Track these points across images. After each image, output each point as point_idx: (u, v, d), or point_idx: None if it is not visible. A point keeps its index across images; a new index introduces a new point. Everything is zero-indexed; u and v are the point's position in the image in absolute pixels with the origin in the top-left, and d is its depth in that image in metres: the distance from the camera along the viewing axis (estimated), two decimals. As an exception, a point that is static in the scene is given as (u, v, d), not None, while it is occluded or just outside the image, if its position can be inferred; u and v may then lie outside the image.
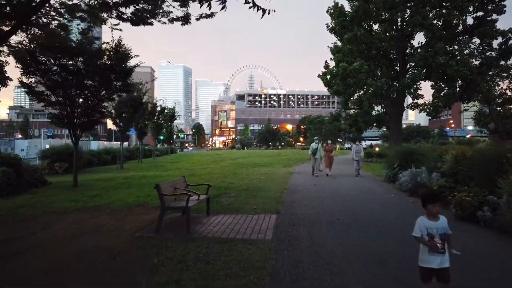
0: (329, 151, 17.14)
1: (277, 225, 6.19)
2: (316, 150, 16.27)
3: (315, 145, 16.63)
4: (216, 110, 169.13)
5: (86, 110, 13.94)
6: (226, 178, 14.85)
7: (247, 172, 17.57)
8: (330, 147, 17.53)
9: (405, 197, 9.62)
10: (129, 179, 15.43)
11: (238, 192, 10.19)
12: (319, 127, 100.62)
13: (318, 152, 16.22)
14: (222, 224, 6.27)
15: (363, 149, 17.79)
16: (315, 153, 16.23)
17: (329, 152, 17.02)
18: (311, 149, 16.71)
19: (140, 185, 12.93)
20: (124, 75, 13.72)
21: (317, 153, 16.22)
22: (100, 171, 22.02)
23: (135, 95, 22.04)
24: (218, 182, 12.93)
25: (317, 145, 16.49)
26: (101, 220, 7.20)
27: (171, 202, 6.26)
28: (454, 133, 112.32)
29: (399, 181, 11.15)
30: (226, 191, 10.52)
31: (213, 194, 9.76)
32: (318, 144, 16.71)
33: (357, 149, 16.87)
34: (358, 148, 17.04)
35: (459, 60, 23.51)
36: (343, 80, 24.47)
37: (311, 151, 16.66)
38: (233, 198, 9.17)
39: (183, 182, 7.19)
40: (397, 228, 6.03)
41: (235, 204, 8.24)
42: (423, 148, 14.14)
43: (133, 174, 17.88)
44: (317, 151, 16.22)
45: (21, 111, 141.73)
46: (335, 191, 10.48)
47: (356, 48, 25.49)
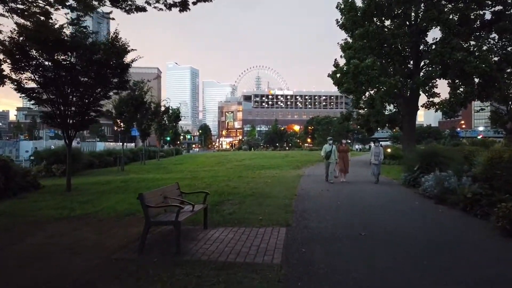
0: (343, 151, 14.72)
1: (287, 243, 5.11)
2: (330, 152, 13.96)
3: (329, 146, 14.21)
4: (223, 111, 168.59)
5: (81, 109, 13.00)
6: (231, 181, 13.80)
7: (253, 175, 16.51)
8: (345, 147, 15.11)
9: (432, 204, 8.46)
10: (127, 183, 14.47)
11: (243, 199, 9.12)
12: (327, 128, 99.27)
13: (332, 155, 13.89)
14: (220, 241, 5.20)
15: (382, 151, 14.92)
16: (329, 155, 13.92)
17: (343, 153, 14.60)
18: (324, 152, 14.37)
19: (136, 190, 11.90)
20: (120, 70, 12.75)
21: (332, 156, 13.87)
22: (100, 174, 21.13)
23: (136, 94, 21.11)
24: (222, 186, 11.89)
25: (331, 147, 14.09)
26: (83, 233, 6.19)
27: (159, 214, 5.21)
28: (466, 134, 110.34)
29: (422, 186, 9.97)
30: (229, 197, 9.46)
31: (215, 200, 8.72)
32: (332, 145, 14.23)
33: (377, 151, 14.19)
34: (378, 150, 14.29)
35: (478, 56, 22.23)
36: (355, 78, 23.26)
37: (324, 153, 14.30)
38: (237, 206, 8.10)
39: (176, 189, 6.13)
40: (433, 245, 4.91)
41: (238, 214, 7.17)
42: (447, 150, 12.93)
43: (132, 177, 16.92)
44: (332, 153, 13.90)
45: (29, 112, 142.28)
46: (351, 198, 9.35)
47: (367, 45, 24.27)
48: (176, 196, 5.85)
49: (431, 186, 9.45)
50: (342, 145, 15.23)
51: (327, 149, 14.21)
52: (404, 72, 25.21)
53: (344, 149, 14.86)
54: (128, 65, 13.02)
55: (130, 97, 20.78)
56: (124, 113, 21.01)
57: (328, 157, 13.99)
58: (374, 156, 14.07)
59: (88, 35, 12.90)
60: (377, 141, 15.13)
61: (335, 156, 13.99)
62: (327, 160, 14.05)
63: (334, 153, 13.94)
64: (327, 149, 14.18)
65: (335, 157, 13.97)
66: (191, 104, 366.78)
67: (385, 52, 24.33)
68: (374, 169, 13.85)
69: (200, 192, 6.79)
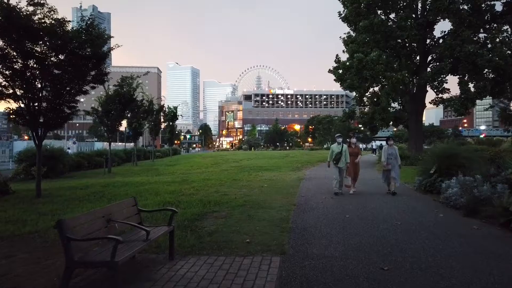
0: (354, 155, 11.13)
1: (281, 285, 3.59)
2: (340, 154, 10.39)
3: (338, 146, 10.54)
4: (223, 110, 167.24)
5: (53, 105, 11.51)
6: (222, 186, 12.28)
7: (249, 178, 14.99)
8: (355, 149, 11.47)
9: (460, 218, 6.94)
10: (107, 187, 12.95)
11: (231, 210, 7.60)
12: (328, 127, 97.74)
13: (343, 157, 10.40)
14: (187, 282, 3.68)
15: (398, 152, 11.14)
16: (339, 159, 10.36)
17: (353, 157, 11.05)
18: (331, 154, 10.63)
19: (113, 197, 10.42)
20: (97, 61, 11.26)
21: (342, 159, 10.36)
22: (86, 176, 19.65)
23: (124, 91, 19.59)
24: (211, 193, 10.37)
25: (340, 147, 10.48)
26: (12, 263, 4.68)
27: (91, 248, 3.68)
28: (468, 133, 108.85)
29: (444, 194, 8.43)
30: (215, 207, 7.93)
31: (196, 213, 7.21)
32: (343, 145, 10.59)
33: (391, 153, 10.64)
34: (392, 150, 10.70)
35: (491, 49, 20.70)
36: (359, 73, 21.77)
37: (331, 156, 10.59)
38: (222, 221, 6.59)
39: (131, 207, 4.52)
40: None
41: (221, 234, 5.65)
42: (466, 150, 11.39)
43: (116, 180, 15.41)
44: (342, 155, 10.39)
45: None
46: (362, 210, 7.81)
47: (372, 38, 22.76)
48: (128, 216, 4.29)
49: (456, 194, 7.92)
50: (351, 146, 11.35)
51: (335, 150, 10.52)
52: (410, 67, 23.69)
53: (354, 152, 11.25)
54: (106, 54, 11.51)
55: (118, 93, 19.25)
56: (111, 111, 19.47)
57: (338, 161, 10.34)
58: (387, 157, 10.58)
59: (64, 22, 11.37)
60: (390, 138, 11.38)
61: (347, 159, 10.48)
62: (337, 164, 10.40)
63: (345, 155, 10.45)
64: (335, 150, 10.50)
65: (346, 160, 10.48)
66: (192, 104, 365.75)
67: (390, 45, 22.81)
68: (386, 176, 10.63)
69: (165, 209, 5.21)
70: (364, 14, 22.95)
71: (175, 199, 9.09)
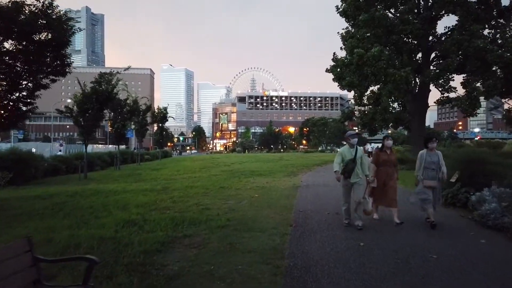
0: (388, 165, 6.98)
1: None
2: (352, 163, 6.50)
3: (351, 150, 6.66)
4: (217, 112, 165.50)
5: (6, 102, 9.72)
6: (206, 196, 10.52)
7: (239, 185, 13.23)
8: (391, 156, 7.08)
9: (510, 245, 5.26)
10: (73, 197, 11.14)
11: (209, 234, 5.84)
12: (323, 129, 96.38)
13: (358, 168, 6.53)
14: None
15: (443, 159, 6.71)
16: (351, 170, 6.47)
17: (388, 168, 6.96)
18: (339, 161, 6.67)
19: (73, 210, 8.64)
20: (55, 47, 9.48)
21: (356, 171, 6.51)
22: (58, 182, 17.77)
23: (102, 88, 17.76)
24: (189, 206, 8.60)
25: (354, 152, 6.62)
26: None
27: None
28: (464, 135, 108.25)
29: (478, 210, 6.73)
30: (189, 229, 6.16)
31: (162, 239, 5.45)
32: (357, 148, 6.71)
33: (433, 160, 6.68)
34: (433, 157, 6.72)
35: (502, 45, 19.22)
36: (359, 70, 20.16)
37: (340, 165, 6.64)
38: (193, 253, 4.83)
39: (24, 253, 2.73)
40: None
41: (186, 279, 3.88)
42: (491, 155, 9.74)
43: (88, 188, 13.55)
44: (357, 164, 6.53)
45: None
46: (377, 232, 6.09)
47: (373, 32, 21.19)
48: (15, 272, 2.51)
49: (495, 211, 6.24)
50: (384, 151, 7.07)
51: (346, 155, 6.60)
52: (412, 65, 22.14)
53: (390, 160, 6.99)
54: (66, 42, 9.73)
55: (95, 91, 17.41)
56: (88, 110, 17.62)
57: (350, 173, 6.45)
58: (427, 167, 6.63)
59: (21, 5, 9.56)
60: (431, 139, 6.89)
61: (364, 170, 6.60)
62: (348, 179, 6.49)
63: (361, 163, 6.58)
64: (346, 156, 6.58)
65: (364, 172, 6.59)
66: (186, 106, 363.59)
67: (393, 41, 21.23)
68: (424, 197, 6.57)
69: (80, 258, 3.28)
70: (363, 7, 21.40)
71: (142, 216, 7.31)
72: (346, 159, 6.59)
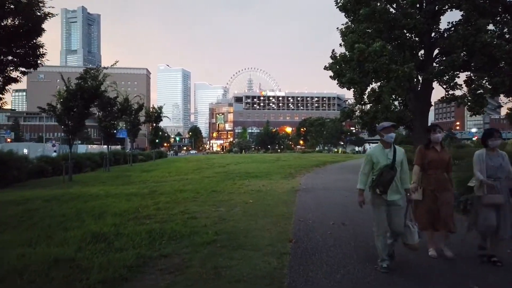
0: (439, 166, 4.78)
1: None
2: (390, 171, 4.15)
3: (386, 152, 4.30)
4: (213, 113, 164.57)
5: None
6: (195, 201, 9.47)
7: (232, 189, 12.20)
8: (442, 154, 4.83)
9: None
10: (49, 202, 10.10)
11: (191, 253, 4.79)
12: (320, 129, 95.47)
13: (397, 179, 4.25)
14: None
15: None
16: (389, 181, 4.14)
17: (439, 171, 4.78)
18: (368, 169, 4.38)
19: (41, 219, 7.59)
20: (26, 36, 8.41)
21: (396, 183, 4.21)
22: (41, 185, 16.74)
23: (88, 85, 16.67)
24: (174, 214, 7.55)
25: (391, 153, 4.26)
26: None
27: None
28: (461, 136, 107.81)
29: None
30: (168, 246, 5.12)
31: (131, 260, 4.40)
32: (394, 147, 4.33)
33: (497, 164, 4.55)
34: (497, 160, 4.58)
35: (510, 39, 18.29)
36: (360, 66, 19.17)
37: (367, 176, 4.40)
38: (164, 283, 3.79)
39: None
40: None
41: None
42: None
43: (69, 192, 12.49)
44: (397, 172, 4.21)
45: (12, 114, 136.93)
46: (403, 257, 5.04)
47: (374, 27, 20.21)
48: None
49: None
50: (433, 147, 4.86)
51: (379, 159, 4.27)
52: (415, 61, 21.20)
53: (441, 158, 4.79)
54: (38, 30, 8.66)
55: (80, 87, 16.31)
56: (73, 108, 16.53)
57: (386, 187, 4.17)
58: (489, 178, 4.53)
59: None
60: (496, 135, 4.63)
61: (403, 181, 4.34)
62: (383, 195, 4.22)
63: (401, 170, 4.31)
64: (379, 160, 4.26)
65: (403, 185, 4.34)
66: (182, 107, 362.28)
67: (395, 36, 20.25)
68: (486, 217, 4.48)
69: None
70: (364, 1, 20.41)
71: (116, 228, 6.26)
72: (379, 165, 4.21)
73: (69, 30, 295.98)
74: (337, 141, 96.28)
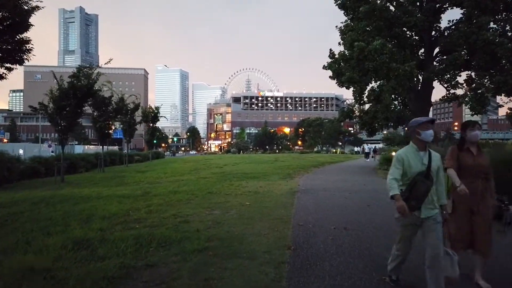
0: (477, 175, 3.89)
1: None
2: (425, 180, 3.30)
3: (421, 156, 3.41)
4: (211, 113, 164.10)
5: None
6: (189, 204, 9.05)
7: (229, 190, 11.78)
8: (479, 159, 3.93)
9: None
10: (37, 205, 9.63)
11: (181, 262, 4.38)
12: (318, 130, 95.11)
13: (434, 192, 3.39)
14: None
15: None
16: (425, 194, 3.31)
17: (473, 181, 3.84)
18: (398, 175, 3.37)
19: (22, 224, 7.15)
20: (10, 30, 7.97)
21: (431, 195, 3.37)
22: (33, 186, 16.25)
23: (81, 83, 16.22)
24: (166, 218, 7.13)
25: (426, 158, 3.39)
26: None
27: None
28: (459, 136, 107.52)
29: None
30: (156, 253, 4.70)
31: (114, 270, 3.98)
32: (430, 152, 3.46)
33: None
34: None
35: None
36: (359, 64, 18.80)
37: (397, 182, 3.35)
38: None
39: None
40: None
41: None
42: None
43: (60, 194, 12.02)
44: (437, 179, 3.44)
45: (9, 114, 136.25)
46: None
47: (374, 25, 19.86)
48: None
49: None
50: (468, 148, 3.96)
51: (411, 163, 3.38)
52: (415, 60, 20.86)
53: (478, 165, 3.90)
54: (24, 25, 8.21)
55: (72, 86, 15.86)
56: (65, 107, 16.08)
57: (420, 200, 3.31)
58: None
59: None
60: None
61: (439, 193, 3.47)
62: (416, 211, 3.36)
63: (438, 181, 3.44)
64: (411, 165, 3.38)
65: (440, 198, 3.48)
66: (181, 107, 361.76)
67: (395, 34, 19.91)
68: None
69: None
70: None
71: (102, 233, 5.83)
72: (411, 172, 3.35)
73: (66, 31, 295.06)
74: (335, 142, 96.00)
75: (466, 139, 3.98)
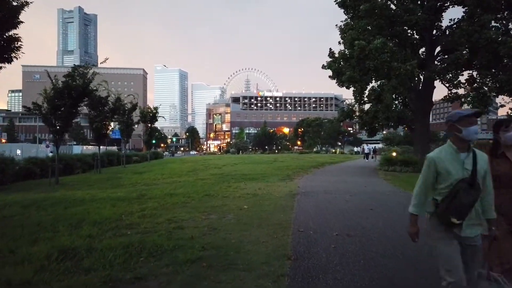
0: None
1: None
2: (469, 188, 2.56)
3: (462, 158, 2.65)
4: (211, 113, 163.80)
5: None
6: (185, 207, 8.72)
7: (227, 192, 11.45)
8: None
9: None
10: (27, 209, 9.32)
11: (170, 275, 4.04)
12: (318, 130, 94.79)
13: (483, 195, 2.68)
14: None
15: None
16: (469, 207, 2.59)
17: None
18: (428, 183, 2.75)
19: (11, 230, 6.81)
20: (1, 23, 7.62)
21: (476, 209, 2.66)
22: (26, 188, 15.91)
23: (76, 83, 15.89)
24: (159, 223, 6.80)
25: (470, 161, 2.63)
26: None
27: None
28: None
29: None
30: (146, 264, 4.37)
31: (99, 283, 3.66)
32: (474, 152, 2.69)
33: None
34: None
35: (516, 36, 17.67)
36: (360, 63, 18.50)
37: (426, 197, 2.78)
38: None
39: None
40: None
41: None
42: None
43: (52, 196, 11.69)
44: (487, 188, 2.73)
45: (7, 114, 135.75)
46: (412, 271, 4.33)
47: (375, 23, 19.56)
48: None
49: None
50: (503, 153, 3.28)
51: (448, 168, 2.64)
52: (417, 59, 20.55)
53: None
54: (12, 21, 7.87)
55: (67, 85, 15.53)
56: (60, 107, 15.74)
57: (463, 215, 2.58)
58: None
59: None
60: None
61: (486, 206, 2.74)
62: (457, 228, 2.62)
63: (485, 189, 2.69)
64: (449, 170, 2.64)
65: (487, 212, 2.74)
66: (180, 107, 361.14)
67: (396, 32, 19.62)
68: None
69: None
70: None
71: (91, 240, 5.50)
72: (450, 179, 2.65)
73: (65, 31, 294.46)
74: (334, 142, 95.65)
75: (502, 142, 3.29)
